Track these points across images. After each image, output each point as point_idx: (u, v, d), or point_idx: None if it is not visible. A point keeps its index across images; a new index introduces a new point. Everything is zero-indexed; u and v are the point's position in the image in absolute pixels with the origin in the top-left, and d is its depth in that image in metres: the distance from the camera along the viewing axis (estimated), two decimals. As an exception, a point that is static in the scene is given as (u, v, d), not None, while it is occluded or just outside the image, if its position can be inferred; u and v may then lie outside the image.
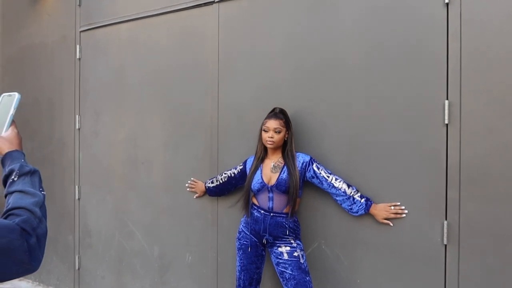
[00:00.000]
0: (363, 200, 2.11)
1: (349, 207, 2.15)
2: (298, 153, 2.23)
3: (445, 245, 1.99)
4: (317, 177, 2.17)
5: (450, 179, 1.98)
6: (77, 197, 3.36)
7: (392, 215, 2.08)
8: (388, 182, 2.12)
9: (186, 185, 2.76)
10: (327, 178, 2.16)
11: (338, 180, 2.14)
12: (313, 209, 2.33)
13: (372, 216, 2.14)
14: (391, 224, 2.10)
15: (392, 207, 2.09)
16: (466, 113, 1.95)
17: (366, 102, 2.17)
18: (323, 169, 2.18)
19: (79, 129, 3.35)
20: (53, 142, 3.54)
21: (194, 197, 2.73)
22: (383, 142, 2.13)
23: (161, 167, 2.91)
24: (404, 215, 2.07)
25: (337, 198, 2.17)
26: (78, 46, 3.33)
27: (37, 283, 3.68)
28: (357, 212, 2.14)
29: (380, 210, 2.10)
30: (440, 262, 2.01)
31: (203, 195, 2.69)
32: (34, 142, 3.67)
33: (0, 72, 3.96)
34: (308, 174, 2.20)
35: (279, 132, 2.18)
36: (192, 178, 2.74)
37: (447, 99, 1.98)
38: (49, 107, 3.57)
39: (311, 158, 2.21)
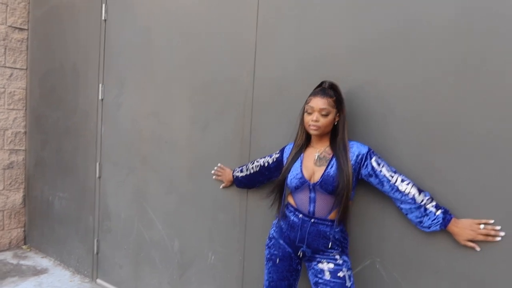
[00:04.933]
0: (439, 212, 1.54)
1: (418, 220, 1.58)
2: (352, 142, 1.68)
3: (560, 288, 1.39)
4: (377, 176, 1.62)
5: None
6: (97, 175, 3.03)
7: (481, 237, 1.49)
8: (479, 190, 1.52)
9: (212, 172, 2.31)
10: (389, 178, 1.59)
11: (405, 182, 1.58)
12: (367, 216, 1.78)
13: (450, 234, 1.56)
14: (478, 249, 1.51)
15: (482, 226, 1.50)
16: None
17: (455, 77, 1.56)
18: (385, 165, 1.62)
19: (102, 99, 2.99)
20: (77, 113, 3.22)
21: (221, 187, 2.27)
22: (475, 132, 1.52)
23: (186, 148, 2.47)
24: (499, 238, 1.48)
25: (402, 206, 1.60)
26: (104, 6, 2.94)
27: (58, 262, 3.46)
28: (429, 228, 1.57)
29: (464, 228, 1.52)
30: (550, 311, 1.40)
31: (231, 185, 2.22)
32: (60, 111, 3.38)
33: (30, 35, 3.69)
34: (364, 171, 1.65)
35: (327, 115, 1.63)
36: (219, 164, 2.28)
37: None
38: (74, 74, 3.23)
39: (369, 149, 1.65)
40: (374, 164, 1.62)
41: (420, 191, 1.56)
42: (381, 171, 1.61)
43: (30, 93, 3.72)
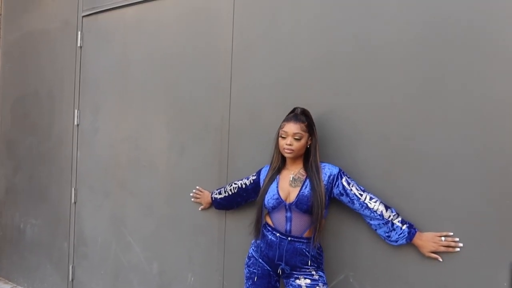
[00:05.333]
0: (404, 226, 1.67)
1: (386, 234, 1.71)
2: (324, 164, 1.81)
3: (514, 293, 1.54)
4: (347, 195, 1.74)
5: (524, 207, 1.52)
6: (73, 201, 3.02)
7: (442, 248, 1.64)
8: (440, 205, 1.67)
9: (191, 194, 2.37)
10: (359, 196, 1.72)
11: (374, 200, 1.71)
12: (341, 232, 1.90)
13: (416, 248, 1.69)
14: (440, 260, 1.65)
15: (443, 238, 1.64)
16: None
17: (418, 101, 1.72)
18: (355, 184, 1.75)
19: (78, 125, 3.01)
20: (52, 139, 3.22)
21: (199, 209, 2.34)
22: (436, 153, 1.68)
23: (164, 172, 2.53)
24: (458, 249, 1.62)
25: (371, 222, 1.73)
26: (79, 33, 2.99)
27: (30, 291, 3.37)
28: (396, 241, 1.70)
29: (427, 240, 1.66)
30: (506, 314, 1.55)
31: (209, 207, 2.29)
32: (34, 137, 3.36)
33: (1, 59, 3.67)
34: (335, 190, 1.77)
35: (300, 139, 1.76)
36: (197, 187, 2.35)
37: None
38: (49, 99, 3.24)
39: (340, 170, 1.78)
40: (345, 183, 1.75)
41: (387, 207, 1.70)
42: (351, 190, 1.74)
43: (1, 118, 3.67)
